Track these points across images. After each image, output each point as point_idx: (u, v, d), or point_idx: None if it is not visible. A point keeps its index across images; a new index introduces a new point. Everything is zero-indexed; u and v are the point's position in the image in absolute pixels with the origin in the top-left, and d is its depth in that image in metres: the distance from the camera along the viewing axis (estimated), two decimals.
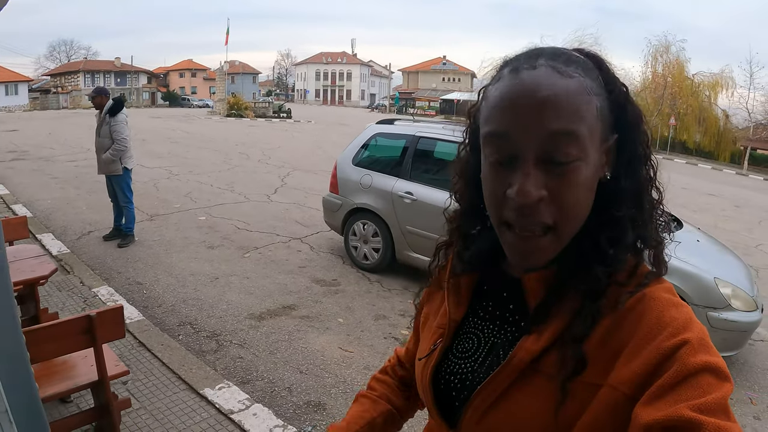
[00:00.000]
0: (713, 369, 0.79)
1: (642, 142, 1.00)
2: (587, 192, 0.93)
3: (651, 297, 0.91)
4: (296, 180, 15.42)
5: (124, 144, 8.20)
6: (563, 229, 0.92)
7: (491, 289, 1.15)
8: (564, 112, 0.87)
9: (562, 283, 0.98)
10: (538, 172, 0.89)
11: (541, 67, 0.90)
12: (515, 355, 0.96)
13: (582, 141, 0.88)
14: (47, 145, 21.02)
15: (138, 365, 4.85)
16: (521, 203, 0.89)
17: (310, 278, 7.56)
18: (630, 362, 0.85)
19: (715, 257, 6.35)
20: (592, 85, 0.91)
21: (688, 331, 0.84)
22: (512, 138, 0.90)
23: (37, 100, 65.37)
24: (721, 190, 23.03)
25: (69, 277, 6.91)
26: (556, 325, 0.94)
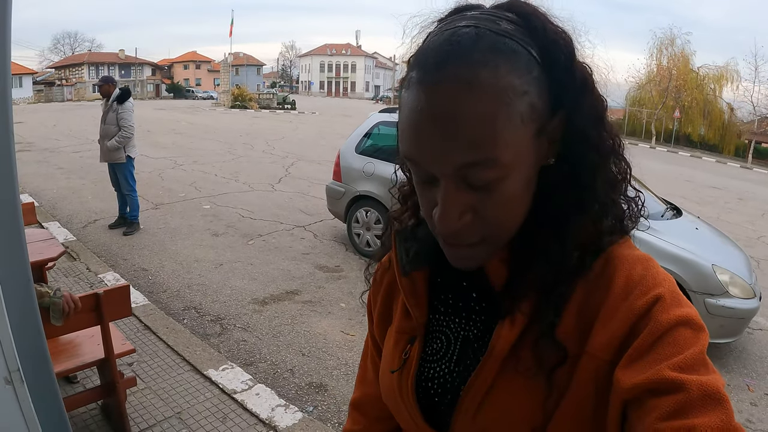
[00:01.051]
0: (687, 321, 0.78)
1: (590, 116, 0.86)
2: (519, 200, 0.85)
3: (615, 257, 0.88)
4: (300, 170, 15.49)
5: (131, 132, 8.27)
6: (494, 240, 0.87)
7: (447, 282, 1.06)
8: (474, 143, 0.76)
9: (522, 263, 0.91)
10: (459, 194, 0.81)
11: (446, 82, 0.76)
12: (494, 347, 0.90)
13: (501, 162, 0.78)
14: (52, 136, 21.02)
15: (143, 347, 4.92)
16: (443, 232, 0.84)
17: (313, 265, 7.63)
18: (605, 327, 0.82)
19: (714, 245, 6.38)
20: (515, 80, 0.77)
21: (659, 286, 0.83)
22: (424, 165, 0.81)
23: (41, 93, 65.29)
24: (725, 183, 22.99)
25: (75, 264, 6.99)
26: (526, 307, 0.88)
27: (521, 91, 0.77)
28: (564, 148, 0.87)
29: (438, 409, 1.00)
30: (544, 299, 0.87)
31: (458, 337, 1.01)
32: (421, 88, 0.78)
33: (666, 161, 29.16)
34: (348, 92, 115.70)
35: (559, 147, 0.87)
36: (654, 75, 44.92)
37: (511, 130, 0.77)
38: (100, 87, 8.54)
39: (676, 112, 40.41)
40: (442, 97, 0.76)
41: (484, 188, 0.80)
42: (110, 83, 8.55)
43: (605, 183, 0.89)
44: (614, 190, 0.92)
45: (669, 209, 6.86)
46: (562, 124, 0.85)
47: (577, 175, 0.87)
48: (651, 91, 44.62)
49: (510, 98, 0.76)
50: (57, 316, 2.94)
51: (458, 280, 1.04)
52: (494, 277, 0.95)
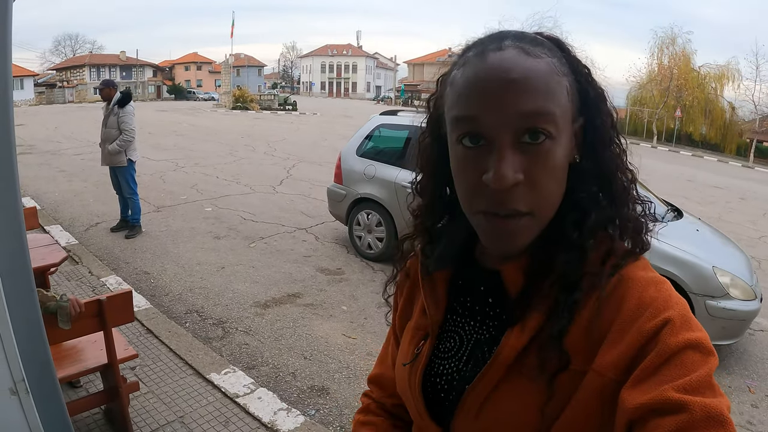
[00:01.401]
0: (696, 345, 0.79)
1: (606, 123, 0.96)
2: (561, 174, 0.91)
3: (629, 278, 0.90)
4: (302, 172, 15.49)
5: (132, 135, 8.28)
6: (540, 212, 0.90)
7: (467, 285, 1.10)
8: (537, 92, 0.84)
9: (538, 273, 0.95)
10: (514, 155, 0.85)
11: (508, 48, 0.87)
12: (500, 353, 0.93)
13: (556, 120, 0.86)
14: (54, 139, 21.05)
15: (146, 351, 4.94)
16: (498, 188, 0.85)
17: (315, 267, 7.64)
18: (614, 347, 0.84)
19: (714, 246, 6.38)
20: (559, 66, 0.89)
21: (669, 309, 0.84)
22: (484, 121, 0.86)
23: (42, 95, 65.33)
24: (726, 182, 22.96)
25: (78, 268, 7.00)
26: (537, 318, 0.92)
27: (563, 72, 0.90)
28: (586, 149, 0.96)
29: (443, 404, 1.05)
30: (555, 312, 0.90)
31: (471, 339, 1.05)
32: (482, 55, 0.89)
33: (667, 161, 29.14)
34: (349, 93, 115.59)
35: (581, 150, 0.96)
36: (655, 74, 44.89)
37: (562, 98, 0.88)
38: (101, 90, 8.57)
39: (677, 111, 40.38)
40: (508, 57, 0.87)
41: (536, 152, 0.86)
42: (111, 87, 8.58)
43: (621, 179, 0.98)
44: (626, 191, 0.98)
45: (670, 211, 6.85)
46: (583, 129, 0.95)
47: (598, 171, 0.96)
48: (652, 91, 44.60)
49: (558, 73, 0.88)
50: (65, 320, 2.96)
51: (477, 284, 1.08)
52: (510, 285, 0.99)
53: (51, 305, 2.97)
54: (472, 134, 0.89)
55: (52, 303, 2.99)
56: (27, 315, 1.65)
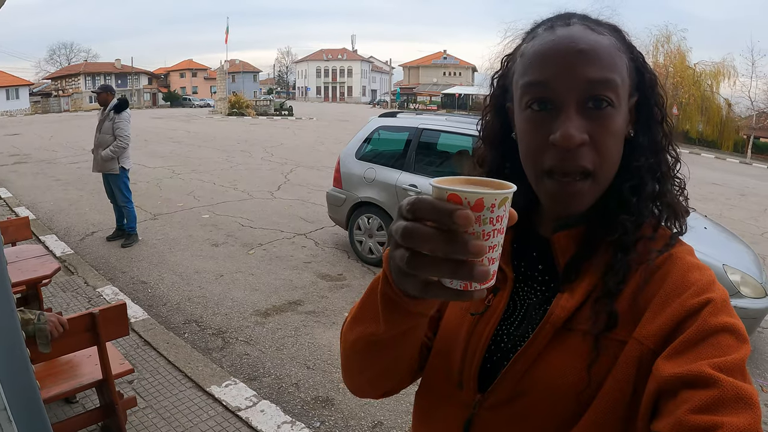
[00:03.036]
0: (734, 330, 0.84)
1: (658, 103, 1.04)
2: (620, 141, 0.98)
3: (677, 257, 0.97)
4: (299, 177, 15.38)
5: (126, 142, 8.14)
6: (601, 174, 0.96)
7: (521, 250, 1.13)
8: (602, 62, 0.93)
9: (592, 240, 1.02)
10: (579, 118, 0.92)
11: (575, 24, 0.97)
12: (552, 313, 0.98)
13: (618, 90, 0.94)
14: (49, 148, 21.03)
15: (144, 364, 4.81)
16: (565, 146, 0.91)
17: (316, 273, 7.52)
18: (655, 317, 0.89)
19: (723, 244, 6.29)
20: (620, 44, 0.98)
21: (712, 291, 0.89)
22: (553, 86, 0.94)
23: (38, 104, 65.38)
24: (725, 179, 22.98)
25: (73, 278, 6.88)
26: (587, 282, 0.98)
27: (624, 51, 0.99)
28: (639, 125, 1.03)
29: (484, 365, 1.06)
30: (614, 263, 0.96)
31: (524, 304, 1.08)
32: (552, 29, 0.98)
33: None
34: (345, 97, 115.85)
35: (634, 126, 1.03)
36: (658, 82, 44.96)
37: (622, 71, 0.96)
38: (98, 95, 8.45)
39: (673, 109, 40.35)
40: (576, 31, 0.95)
41: (599, 116, 0.93)
42: (108, 92, 8.47)
43: (668, 156, 1.06)
44: (673, 168, 1.07)
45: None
46: (636, 107, 1.03)
47: (651, 145, 1.03)
48: None
49: (619, 49, 0.97)
50: (44, 343, 2.83)
51: (530, 250, 1.12)
52: (560, 254, 1.05)
53: (29, 329, 2.83)
54: (541, 99, 0.95)
55: (30, 326, 2.85)
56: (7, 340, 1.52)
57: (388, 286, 0.85)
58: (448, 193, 0.70)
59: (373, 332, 0.95)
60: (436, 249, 0.67)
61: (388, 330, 0.92)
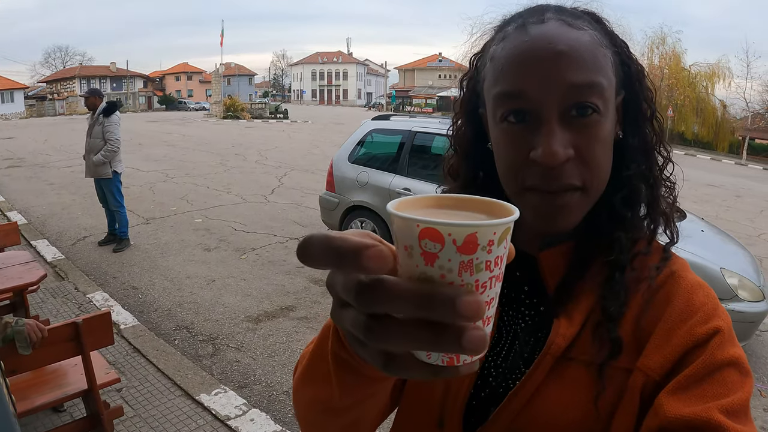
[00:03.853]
0: (738, 364, 0.78)
1: (646, 98, 0.94)
2: (609, 148, 0.88)
3: (678, 276, 0.89)
4: (293, 180, 15.34)
5: (116, 145, 8.07)
6: (592, 187, 0.86)
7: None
8: (585, 64, 0.81)
9: (584, 258, 0.92)
10: (563, 130, 0.82)
11: (550, 21, 0.84)
12: (552, 343, 0.86)
13: (604, 93, 0.83)
14: (43, 151, 20.99)
15: (132, 372, 4.75)
16: (549, 165, 0.81)
17: (308, 279, 7.45)
18: (661, 347, 0.82)
19: (720, 247, 6.25)
20: (601, 38, 0.86)
21: (719, 318, 0.82)
22: (530, 95, 0.82)
23: (33, 108, 65.41)
24: (721, 180, 22.99)
25: (63, 284, 6.82)
26: (584, 305, 0.88)
27: (606, 45, 0.87)
28: (628, 124, 0.93)
29: (469, 402, 0.94)
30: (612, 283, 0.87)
31: (510, 331, 0.96)
32: (522, 30, 0.85)
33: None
34: (340, 100, 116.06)
35: (622, 125, 0.93)
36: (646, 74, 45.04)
37: (607, 70, 0.85)
38: (86, 99, 8.42)
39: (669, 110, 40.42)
40: (551, 29, 0.83)
41: (585, 125, 0.83)
42: (96, 96, 8.42)
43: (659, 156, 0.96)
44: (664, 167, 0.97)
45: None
46: (623, 105, 0.93)
47: (641, 146, 0.93)
48: None
49: (602, 45, 0.85)
50: (24, 345, 2.77)
51: (511, 270, 0.95)
52: (549, 275, 0.94)
53: (8, 332, 2.78)
54: (518, 110, 0.84)
55: (8, 330, 2.80)
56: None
57: (340, 346, 0.68)
58: (422, 227, 0.46)
59: (327, 398, 0.76)
60: (407, 310, 0.45)
61: (344, 397, 0.74)
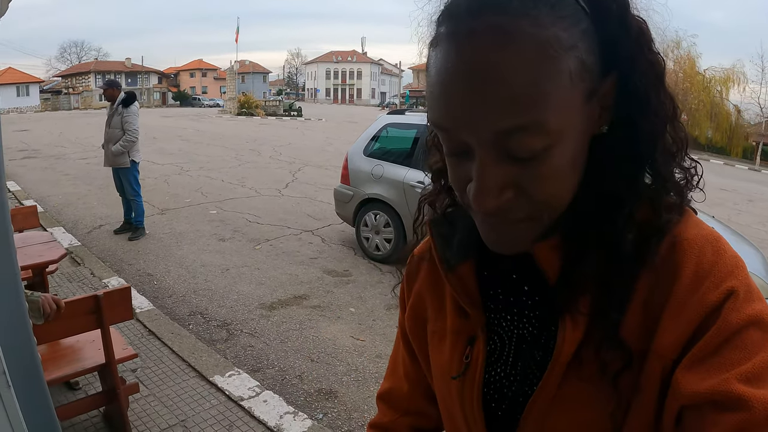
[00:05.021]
0: (758, 321, 0.69)
1: (650, 70, 0.75)
2: (568, 172, 0.74)
3: (682, 239, 0.76)
4: (307, 175, 15.40)
5: (135, 135, 8.17)
6: (540, 219, 0.76)
7: (495, 275, 0.93)
8: (515, 103, 0.65)
9: (576, 249, 0.80)
10: (498, 167, 0.70)
11: (483, 30, 0.65)
12: (561, 350, 0.79)
13: (547, 127, 0.67)
14: (58, 143, 21.15)
15: (147, 353, 4.81)
16: (480, 211, 0.73)
17: (322, 269, 7.51)
18: (674, 323, 0.72)
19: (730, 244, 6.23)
20: (561, 33, 0.66)
21: (732, 277, 0.72)
22: (457, 135, 0.71)
23: (48, 101, 65.77)
24: (733, 185, 22.86)
25: (79, 269, 6.89)
26: (585, 302, 0.78)
27: (568, 45, 0.66)
28: (618, 114, 0.75)
29: (494, 416, 0.90)
30: (605, 294, 0.76)
31: (512, 337, 0.90)
32: (451, 41, 0.68)
33: None
34: (354, 99, 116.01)
35: (612, 113, 0.76)
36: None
37: (558, 90, 0.66)
38: (105, 90, 8.49)
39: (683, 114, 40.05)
40: (477, 50, 0.65)
41: (527, 159, 0.69)
42: (115, 87, 8.51)
43: (664, 153, 0.79)
44: (673, 160, 0.80)
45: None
46: (615, 87, 0.74)
47: (633, 144, 0.76)
48: None
49: (555, 52, 0.65)
50: (36, 315, 2.82)
51: (507, 273, 0.91)
52: (547, 268, 0.82)
53: None
54: (448, 142, 0.74)
55: None
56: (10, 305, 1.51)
57: None
58: None
59: None
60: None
61: None
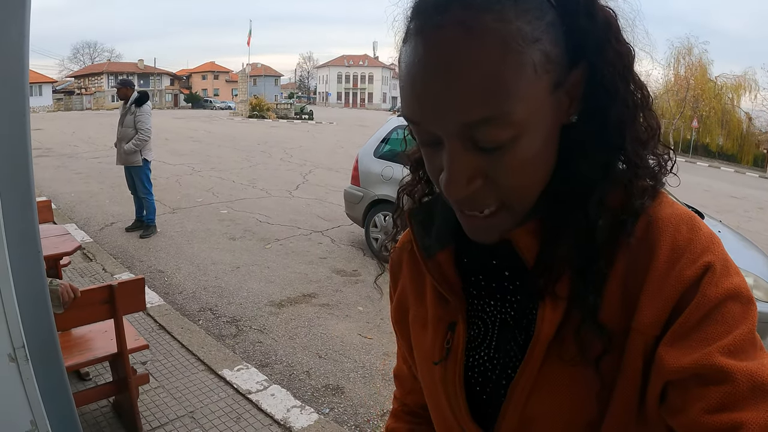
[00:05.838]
0: (737, 295, 0.72)
1: (618, 60, 0.77)
2: (537, 162, 0.77)
3: (657, 218, 0.78)
4: (317, 177, 15.46)
5: (148, 134, 8.27)
6: (514, 207, 0.79)
7: (475, 262, 0.96)
8: (480, 96, 0.68)
9: (553, 234, 0.82)
10: (467, 157, 0.73)
11: (449, 25, 0.68)
12: (540, 331, 0.81)
13: (513, 119, 0.70)
14: (71, 143, 21.29)
15: (158, 347, 4.87)
16: (451, 198, 0.77)
17: (331, 269, 7.56)
18: (653, 300, 0.75)
19: (736, 248, 6.22)
20: (524, 26, 0.69)
21: (708, 252, 0.75)
22: (427, 127, 0.74)
23: (61, 101, 66.14)
24: (744, 192, 22.78)
25: (92, 264, 6.97)
26: (563, 286, 0.80)
27: (532, 38, 0.69)
28: (588, 103, 0.78)
29: (479, 399, 0.93)
30: (581, 279, 0.79)
31: (495, 321, 0.92)
32: (419, 37, 0.72)
33: (684, 171, 27.82)
34: (365, 103, 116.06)
35: (581, 103, 0.79)
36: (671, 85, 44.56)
37: (523, 82, 0.69)
38: (119, 90, 8.59)
39: (693, 122, 40.12)
40: (443, 44, 0.69)
41: (495, 150, 0.72)
42: (128, 86, 8.60)
43: (634, 141, 0.80)
44: (644, 148, 0.82)
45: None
46: (584, 77, 0.77)
47: (603, 133, 0.79)
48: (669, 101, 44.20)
49: (519, 45, 0.68)
50: (56, 303, 2.87)
51: (487, 259, 0.93)
52: (525, 253, 0.85)
53: None
54: (419, 134, 0.78)
55: None
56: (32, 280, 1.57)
57: None
58: None
59: None
60: None
61: None
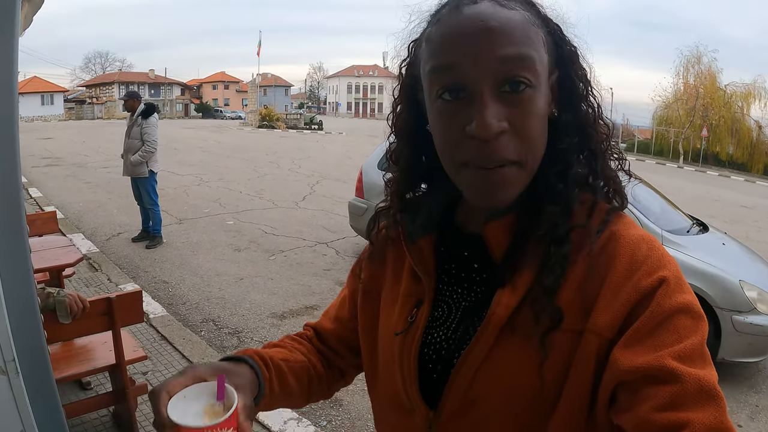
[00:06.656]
0: (688, 309, 0.81)
1: (581, 76, 0.96)
2: (543, 123, 0.91)
3: (619, 235, 0.90)
4: (325, 188, 15.50)
5: (154, 146, 8.35)
6: (528, 160, 0.88)
7: (451, 251, 1.08)
8: (515, 38, 0.84)
9: (524, 231, 0.95)
10: (496, 103, 0.84)
11: (483, 2, 0.87)
12: (494, 312, 0.91)
13: (535, 67, 0.86)
14: (81, 152, 21.42)
15: (159, 357, 4.92)
16: (483, 137, 0.83)
17: (334, 281, 7.59)
18: (609, 305, 0.84)
19: (741, 261, 6.21)
20: (534, 18, 0.89)
21: (663, 267, 0.85)
22: (463, 69, 0.85)
23: (72, 111, 66.63)
24: (754, 201, 22.59)
25: (97, 275, 7.04)
26: (527, 277, 0.90)
27: (539, 26, 0.90)
28: (562, 102, 0.96)
29: (430, 377, 1.01)
30: (543, 271, 0.89)
31: (459, 307, 1.02)
32: (458, 10, 0.88)
33: (694, 180, 28.74)
34: (375, 113, 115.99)
35: (557, 103, 0.96)
36: (681, 93, 44.26)
37: (539, 47, 0.88)
38: (126, 102, 8.72)
39: (703, 130, 39.86)
40: (484, 8, 0.86)
41: (518, 99, 0.85)
42: (135, 98, 8.71)
43: (598, 132, 0.98)
44: (605, 140, 0.99)
45: (695, 225, 6.71)
46: (558, 84, 0.96)
47: (576, 124, 0.96)
48: (678, 110, 43.93)
49: (534, 24, 0.89)
50: (64, 314, 2.92)
51: (461, 250, 1.06)
52: (495, 247, 0.98)
53: (50, 302, 2.94)
54: (452, 85, 0.88)
55: (51, 299, 2.96)
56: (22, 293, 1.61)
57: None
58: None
59: None
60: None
61: None
